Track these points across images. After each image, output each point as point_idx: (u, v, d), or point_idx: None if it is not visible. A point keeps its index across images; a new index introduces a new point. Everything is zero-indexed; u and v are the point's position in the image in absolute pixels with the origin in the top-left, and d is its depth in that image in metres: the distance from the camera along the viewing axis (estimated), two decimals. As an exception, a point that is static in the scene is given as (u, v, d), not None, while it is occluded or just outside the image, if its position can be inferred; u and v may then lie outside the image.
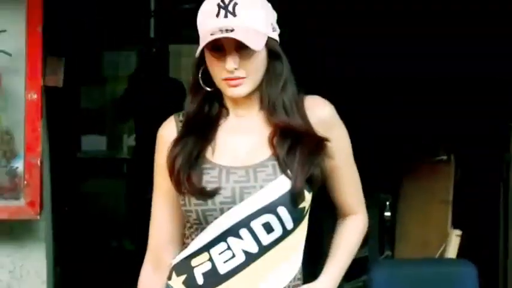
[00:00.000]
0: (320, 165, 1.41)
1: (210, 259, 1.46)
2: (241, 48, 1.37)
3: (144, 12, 5.94)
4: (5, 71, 2.17)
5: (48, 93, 2.41)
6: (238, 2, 1.38)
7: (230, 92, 1.41)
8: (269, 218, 1.43)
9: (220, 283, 1.48)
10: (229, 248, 1.46)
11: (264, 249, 1.44)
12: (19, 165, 2.12)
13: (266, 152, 1.43)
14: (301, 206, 1.41)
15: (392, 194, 3.84)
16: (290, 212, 1.41)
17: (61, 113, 3.21)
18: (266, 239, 1.43)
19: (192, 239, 1.49)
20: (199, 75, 1.47)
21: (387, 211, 3.86)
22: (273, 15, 1.46)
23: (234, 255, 1.45)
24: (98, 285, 4.25)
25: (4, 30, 2.14)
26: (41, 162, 2.17)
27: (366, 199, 1.62)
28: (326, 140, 1.41)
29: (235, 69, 1.37)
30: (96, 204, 4.45)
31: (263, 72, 1.43)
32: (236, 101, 1.45)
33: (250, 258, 1.44)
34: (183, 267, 1.52)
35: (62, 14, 2.85)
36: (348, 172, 1.48)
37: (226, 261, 1.46)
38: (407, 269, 2.99)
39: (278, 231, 1.42)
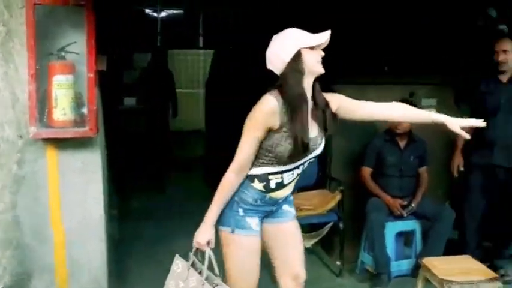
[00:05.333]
0: None
1: (281, 177, 2.41)
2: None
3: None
4: (76, 63, 3.06)
5: (101, 74, 3.37)
6: None
7: (322, 69, 2.35)
8: (311, 161, 2.47)
9: (283, 187, 2.45)
10: (292, 173, 2.44)
11: (300, 174, 2.50)
12: (84, 110, 3.10)
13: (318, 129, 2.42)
14: None
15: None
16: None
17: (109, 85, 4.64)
18: (302, 169, 2.47)
19: (273, 165, 2.36)
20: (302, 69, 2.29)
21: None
22: None
23: (293, 175, 2.45)
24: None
25: (75, 42, 3.06)
26: (96, 109, 3.11)
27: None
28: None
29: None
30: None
31: None
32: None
33: (296, 177, 2.48)
34: (264, 178, 2.39)
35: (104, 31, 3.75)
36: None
37: (289, 177, 2.44)
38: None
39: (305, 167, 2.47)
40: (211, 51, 8.15)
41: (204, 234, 2.38)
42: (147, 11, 10.12)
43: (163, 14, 10.82)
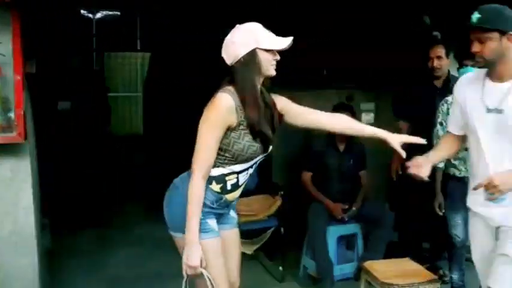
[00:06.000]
0: None
1: (237, 178, 2.39)
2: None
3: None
4: (3, 65, 2.98)
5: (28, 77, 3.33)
6: None
7: (273, 72, 2.33)
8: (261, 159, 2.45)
9: (238, 188, 2.43)
10: (247, 173, 2.43)
11: (252, 173, 2.48)
12: (12, 114, 3.02)
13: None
14: None
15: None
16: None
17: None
18: (254, 169, 2.47)
19: (229, 165, 2.34)
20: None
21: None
22: None
23: (246, 175, 2.44)
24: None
25: (0, 42, 2.97)
26: (24, 114, 3.03)
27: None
28: None
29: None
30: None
31: None
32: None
33: (249, 176, 2.47)
34: (221, 179, 2.36)
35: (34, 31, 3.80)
36: None
37: (243, 178, 2.43)
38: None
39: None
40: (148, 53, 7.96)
41: (194, 254, 2.26)
42: (82, 12, 9.80)
43: (98, 15, 10.53)
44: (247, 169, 2.41)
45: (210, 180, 2.34)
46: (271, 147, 2.43)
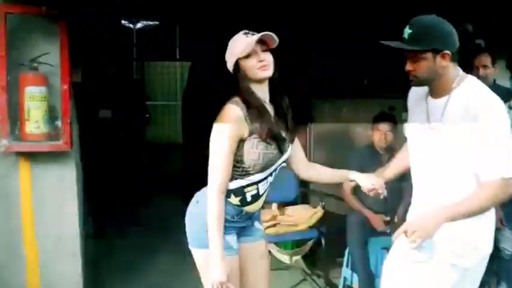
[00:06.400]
0: None
1: (257, 188, 2.33)
2: (262, 51, 2.22)
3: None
4: (50, 74, 3.06)
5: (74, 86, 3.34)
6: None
7: (263, 74, 2.23)
8: (283, 165, 2.42)
9: (259, 198, 2.36)
10: (266, 182, 2.36)
11: (272, 181, 2.41)
12: (59, 123, 3.08)
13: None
14: None
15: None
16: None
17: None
18: (274, 176, 2.41)
19: (247, 176, 2.27)
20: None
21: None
22: None
23: (267, 184, 2.37)
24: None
25: (48, 53, 3.04)
26: (71, 122, 3.11)
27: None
28: None
29: (263, 60, 2.20)
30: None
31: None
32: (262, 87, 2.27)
33: (270, 185, 2.41)
34: (239, 192, 2.30)
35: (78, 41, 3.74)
36: None
37: (264, 187, 2.36)
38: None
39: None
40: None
41: (220, 270, 2.19)
42: (123, 22, 9.97)
43: (139, 25, 10.69)
44: (266, 178, 2.34)
45: (228, 193, 2.29)
46: (289, 150, 2.37)
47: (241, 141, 2.23)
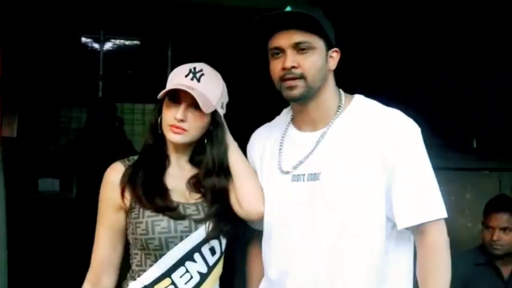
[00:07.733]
0: None
1: (173, 283, 1.64)
2: (193, 108, 1.63)
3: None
4: None
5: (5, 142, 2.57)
6: (205, 74, 1.66)
7: (170, 136, 1.66)
8: (214, 243, 1.69)
9: None
10: (187, 271, 1.64)
11: (210, 269, 1.68)
12: None
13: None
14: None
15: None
16: (227, 237, 1.71)
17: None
18: (211, 260, 1.68)
19: (147, 266, 1.65)
20: (159, 118, 1.69)
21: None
22: (225, 98, 1.71)
23: (191, 277, 1.65)
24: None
25: None
26: None
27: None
28: None
29: (182, 120, 1.62)
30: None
31: (201, 134, 1.67)
32: (176, 148, 1.70)
33: (202, 277, 1.67)
34: None
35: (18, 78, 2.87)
36: None
37: (187, 282, 1.65)
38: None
39: (218, 253, 1.70)
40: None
41: None
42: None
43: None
44: (180, 264, 1.66)
45: None
46: (210, 223, 1.68)
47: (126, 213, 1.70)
